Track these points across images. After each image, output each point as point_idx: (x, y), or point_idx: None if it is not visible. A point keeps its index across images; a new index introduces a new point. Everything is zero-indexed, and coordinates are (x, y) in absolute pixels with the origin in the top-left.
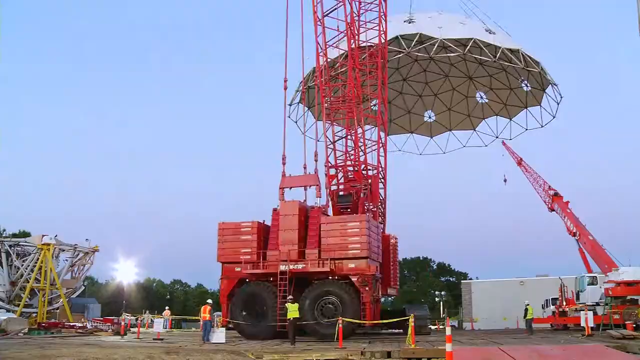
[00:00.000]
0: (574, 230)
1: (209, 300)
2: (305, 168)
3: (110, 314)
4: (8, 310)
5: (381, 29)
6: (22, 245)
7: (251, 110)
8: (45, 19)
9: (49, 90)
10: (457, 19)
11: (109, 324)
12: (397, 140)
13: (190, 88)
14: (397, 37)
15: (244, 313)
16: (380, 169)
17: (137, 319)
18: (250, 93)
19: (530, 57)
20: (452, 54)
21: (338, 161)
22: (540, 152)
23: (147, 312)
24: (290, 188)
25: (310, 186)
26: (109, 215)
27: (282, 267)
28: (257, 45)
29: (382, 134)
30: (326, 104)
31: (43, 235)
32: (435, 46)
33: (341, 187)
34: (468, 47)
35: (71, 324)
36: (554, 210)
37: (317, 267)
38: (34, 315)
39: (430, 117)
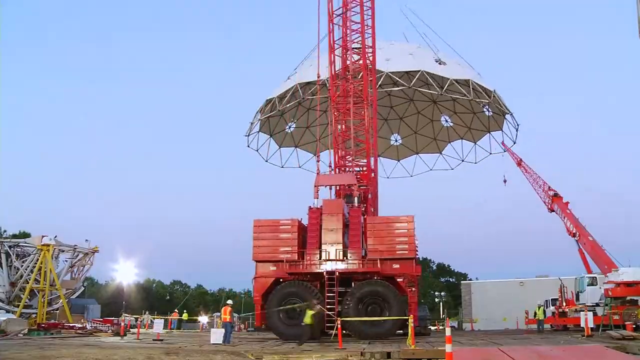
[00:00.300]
0: (574, 231)
1: (229, 302)
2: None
3: (110, 314)
4: (8, 311)
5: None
6: (22, 246)
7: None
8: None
9: (49, 90)
10: (408, 49)
11: (109, 324)
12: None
13: (191, 86)
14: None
15: (281, 314)
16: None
17: (136, 320)
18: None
19: (481, 87)
20: (396, 88)
21: (346, 162)
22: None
23: (147, 312)
24: (325, 186)
25: (347, 185)
26: (108, 215)
27: (329, 267)
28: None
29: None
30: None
31: (43, 236)
32: (381, 79)
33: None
34: (414, 80)
35: (71, 324)
36: (553, 210)
37: (363, 268)
38: (33, 316)
39: (396, 141)
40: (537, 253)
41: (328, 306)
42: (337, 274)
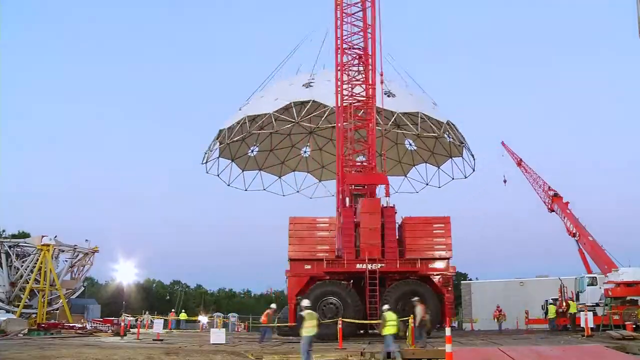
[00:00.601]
0: (574, 231)
1: (273, 305)
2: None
3: (110, 314)
4: (8, 311)
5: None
6: (22, 246)
7: None
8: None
9: (49, 89)
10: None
11: (109, 324)
12: (329, 185)
13: (192, 85)
14: (290, 105)
15: (320, 313)
16: None
17: (136, 320)
18: None
19: (432, 119)
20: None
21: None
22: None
23: (147, 312)
24: (354, 186)
25: (378, 185)
26: (109, 215)
27: (371, 266)
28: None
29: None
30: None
31: (43, 236)
32: (327, 114)
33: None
34: (360, 113)
35: (71, 324)
36: (553, 210)
37: (401, 267)
38: (33, 316)
39: (361, 163)
40: (537, 253)
41: (370, 305)
42: (378, 273)
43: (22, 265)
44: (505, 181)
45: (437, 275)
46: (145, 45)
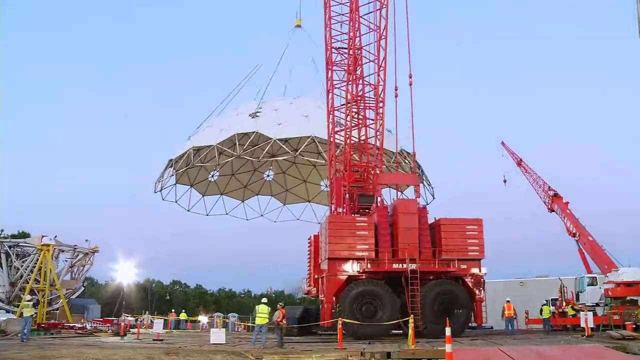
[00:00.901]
0: (574, 231)
1: (281, 303)
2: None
3: (110, 314)
4: (8, 311)
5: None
6: (22, 246)
7: None
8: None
9: (48, 88)
10: (306, 108)
11: (109, 324)
12: (295, 209)
13: (194, 84)
14: (234, 136)
15: (357, 312)
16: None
17: (136, 320)
18: None
19: (381, 150)
20: (283, 157)
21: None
22: None
23: (147, 312)
24: (388, 185)
25: (409, 186)
26: (109, 215)
27: (412, 266)
28: None
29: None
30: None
31: (42, 236)
32: (269, 147)
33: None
34: (303, 147)
35: (71, 324)
36: (553, 210)
37: (439, 267)
38: (33, 316)
39: (326, 186)
40: (537, 253)
41: (412, 305)
42: (419, 272)
43: (22, 265)
44: (505, 181)
45: (470, 275)
46: (142, 42)
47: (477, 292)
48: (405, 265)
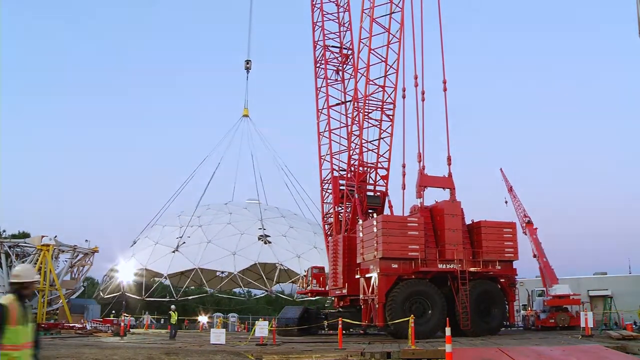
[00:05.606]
0: (535, 253)
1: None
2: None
3: (109, 314)
4: None
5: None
6: (22, 246)
7: None
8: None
9: (48, 88)
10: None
11: (109, 324)
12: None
13: (196, 86)
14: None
15: (408, 312)
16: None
17: (136, 320)
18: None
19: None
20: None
21: (370, 162)
22: None
23: (147, 313)
24: (427, 187)
25: (445, 188)
26: (109, 215)
27: (458, 267)
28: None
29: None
30: (360, 102)
31: (42, 236)
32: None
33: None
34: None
35: (71, 324)
36: (525, 234)
37: (483, 268)
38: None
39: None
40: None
41: (462, 304)
42: (467, 273)
43: None
44: (506, 202)
45: (504, 276)
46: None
47: (510, 292)
48: (450, 266)
